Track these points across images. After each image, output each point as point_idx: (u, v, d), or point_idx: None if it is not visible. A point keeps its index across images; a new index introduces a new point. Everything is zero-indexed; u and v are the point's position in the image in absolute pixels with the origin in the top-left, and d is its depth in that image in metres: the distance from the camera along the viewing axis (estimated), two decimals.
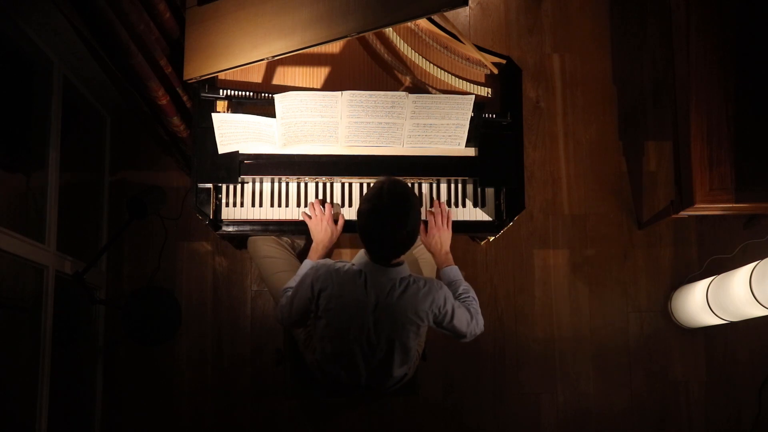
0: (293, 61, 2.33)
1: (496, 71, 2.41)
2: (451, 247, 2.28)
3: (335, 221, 2.30)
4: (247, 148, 2.30)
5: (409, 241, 1.90)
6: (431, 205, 2.40)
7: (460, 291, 2.19)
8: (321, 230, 2.27)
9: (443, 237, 2.29)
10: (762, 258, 2.43)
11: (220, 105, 2.28)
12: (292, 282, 2.17)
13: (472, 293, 2.20)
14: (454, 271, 2.25)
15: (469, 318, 2.08)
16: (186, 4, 2.23)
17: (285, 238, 2.49)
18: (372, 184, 1.92)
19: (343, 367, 2.11)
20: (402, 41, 2.34)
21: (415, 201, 1.90)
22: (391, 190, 1.87)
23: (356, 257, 2.01)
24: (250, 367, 2.92)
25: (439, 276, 2.29)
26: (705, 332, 3.03)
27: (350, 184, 2.40)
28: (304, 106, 2.17)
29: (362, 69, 2.36)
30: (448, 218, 2.32)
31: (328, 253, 2.31)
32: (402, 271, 1.96)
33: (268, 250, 2.42)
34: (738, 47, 2.52)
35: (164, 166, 3.00)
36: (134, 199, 2.26)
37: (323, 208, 2.30)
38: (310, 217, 2.30)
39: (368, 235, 1.90)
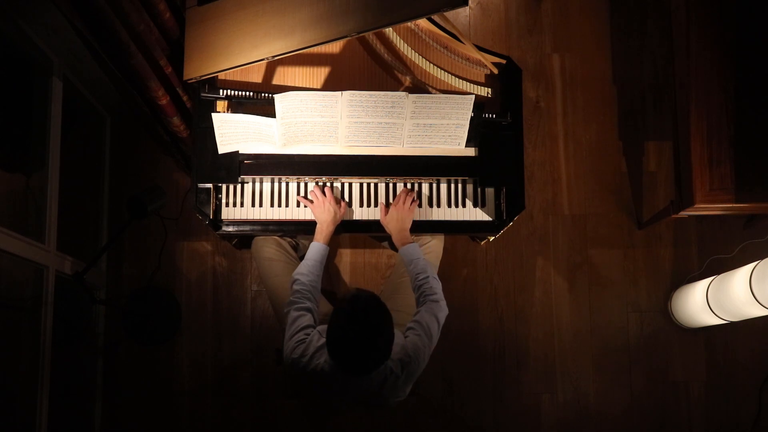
0: (293, 61, 2.33)
1: (496, 71, 2.41)
2: (452, 247, 2.27)
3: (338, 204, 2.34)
4: (247, 148, 2.30)
5: (385, 352, 1.82)
6: (431, 205, 2.40)
7: (418, 271, 2.18)
8: (324, 210, 2.29)
9: (402, 215, 2.30)
10: (762, 258, 2.43)
11: (220, 105, 2.28)
12: (300, 274, 2.16)
13: (430, 271, 2.19)
14: (412, 249, 2.24)
15: (437, 326, 2.07)
16: (186, 4, 2.23)
17: (287, 240, 2.49)
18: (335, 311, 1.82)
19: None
20: (402, 41, 2.34)
21: (388, 315, 1.81)
22: (360, 308, 1.78)
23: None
24: (250, 367, 2.92)
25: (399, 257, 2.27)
26: (705, 332, 3.02)
27: (350, 184, 2.40)
28: (304, 106, 2.17)
29: (362, 69, 2.36)
30: (413, 201, 2.33)
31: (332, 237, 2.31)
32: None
33: (269, 252, 2.43)
34: (738, 47, 2.52)
35: (164, 166, 3.00)
36: (134, 199, 2.26)
37: (324, 193, 2.33)
38: (311, 201, 2.33)
39: (341, 356, 1.80)
